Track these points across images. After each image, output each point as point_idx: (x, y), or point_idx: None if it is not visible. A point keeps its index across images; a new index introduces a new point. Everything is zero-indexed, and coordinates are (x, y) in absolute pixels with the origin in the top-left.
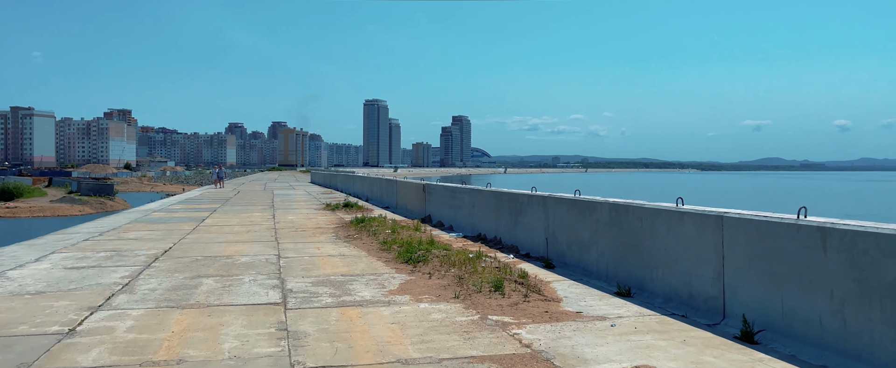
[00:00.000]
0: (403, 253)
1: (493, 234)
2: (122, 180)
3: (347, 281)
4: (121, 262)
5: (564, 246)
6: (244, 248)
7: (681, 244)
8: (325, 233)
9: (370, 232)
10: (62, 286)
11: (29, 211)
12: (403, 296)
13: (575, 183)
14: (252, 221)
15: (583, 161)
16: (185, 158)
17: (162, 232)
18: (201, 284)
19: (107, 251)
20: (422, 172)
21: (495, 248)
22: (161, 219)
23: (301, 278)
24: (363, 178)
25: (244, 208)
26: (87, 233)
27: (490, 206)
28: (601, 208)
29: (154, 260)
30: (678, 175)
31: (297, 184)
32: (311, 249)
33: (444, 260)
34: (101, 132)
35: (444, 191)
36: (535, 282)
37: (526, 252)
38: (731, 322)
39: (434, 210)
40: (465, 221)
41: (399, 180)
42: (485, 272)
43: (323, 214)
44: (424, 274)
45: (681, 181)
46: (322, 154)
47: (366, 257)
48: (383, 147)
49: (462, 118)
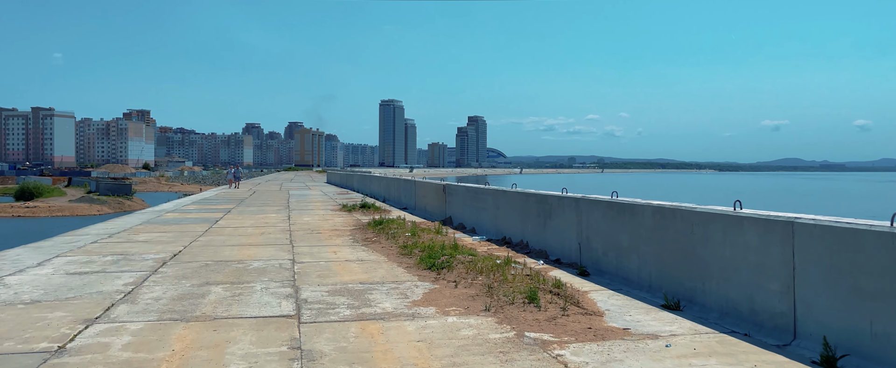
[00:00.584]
0: (426, 259)
1: (519, 238)
2: (141, 179)
3: (366, 290)
4: (126, 267)
5: (600, 252)
6: (257, 252)
7: (740, 252)
8: (342, 236)
9: (389, 235)
10: (60, 295)
11: (48, 211)
12: (428, 308)
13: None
14: (266, 222)
15: (599, 162)
16: (202, 158)
17: (173, 234)
18: (209, 292)
19: (114, 255)
20: (437, 172)
21: (522, 253)
22: (174, 220)
23: (317, 286)
24: (380, 178)
25: (259, 208)
26: (97, 235)
27: (516, 208)
28: (643, 211)
29: (161, 265)
30: (696, 176)
31: (313, 184)
32: (328, 253)
33: (469, 267)
34: (120, 132)
35: (466, 192)
36: (572, 292)
37: (556, 258)
38: (804, 343)
39: (455, 212)
40: (489, 223)
41: (418, 181)
42: (516, 281)
43: (339, 215)
44: (450, 282)
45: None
46: (338, 154)
47: (385, 262)
48: (399, 147)
49: (478, 119)
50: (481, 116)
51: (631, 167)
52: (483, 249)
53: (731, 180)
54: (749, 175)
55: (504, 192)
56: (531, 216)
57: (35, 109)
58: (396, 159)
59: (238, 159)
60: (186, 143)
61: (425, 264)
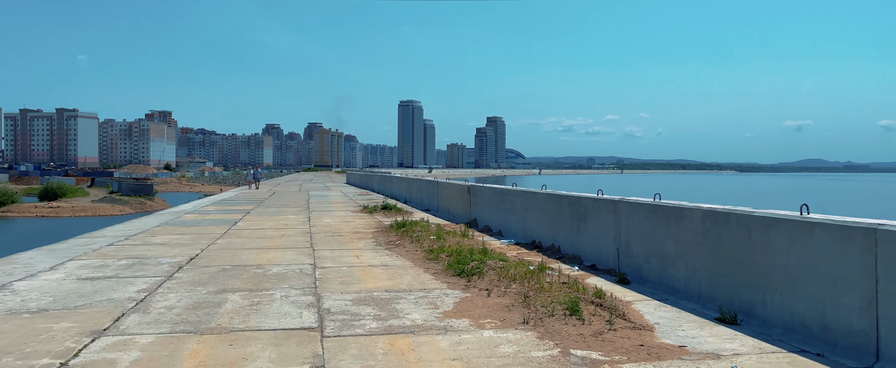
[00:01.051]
0: (454, 264)
1: (549, 242)
2: (162, 180)
3: (393, 299)
4: (141, 272)
5: (641, 259)
6: (277, 256)
7: (808, 261)
8: (364, 238)
9: (413, 238)
10: (69, 303)
11: (71, 211)
12: (461, 320)
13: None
14: (286, 224)
15: (618, 162)
16: (223, 158)
17: (191, 236)
18: (226, 301)
19: (129, 259)
20: (456, 172)
21: (554, 258)
22: (192, 222)
23: (340, 294)
24: (401, 179)
25: (278, 209)
26: (113, 237)
27: (547, 210)
28: (691, 215)
29: (177, 270)
30: (717, 177)
31: (333, 185)
32: (350, 257)
33: (501, 273)
34: (142, 133)
35: (492, 193)
36: (616, 303)
37: (591, 264)
38: (888, 365)
39: (480, 214)
40: (517, 226)
41: (440, 182)
42: (553, 290)
43: (360, 216)
44: (481, 290)
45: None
46: (357, 155)
47: (411, 268)
48: (418, 148)
49: (496, 119)
50: (500, 117)
51: (650, 168)
52: (512, 253)
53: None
54: (771, 176)
55: (533, 193)
56: (563, 219)
57: (59, 110)
58: (415, 159)
59: (258, 160)
60: (207, 143)
61: (454, 270)
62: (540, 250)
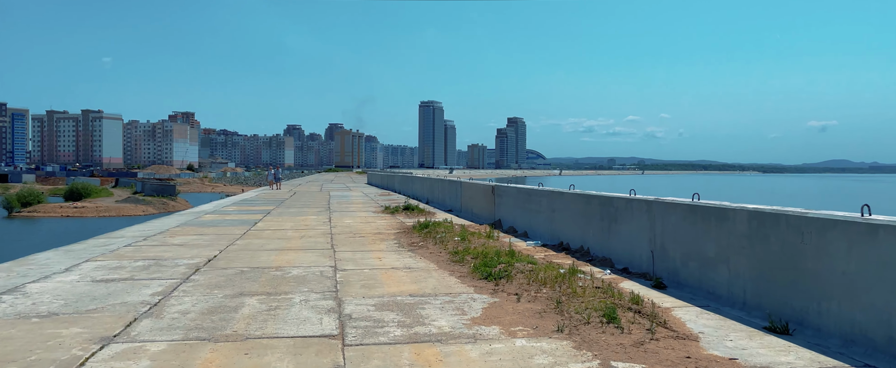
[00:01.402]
0: (480, 267)
1: (578, 243)
2: (185, 180)
3: (418, 304)
4: (157, 274)
5: (678, 262)
6: (296, 257)
7: (872, 267)
8: (386, 240)
9: (436, 239)
10: (81, 306)
11: (95, 211)
12: (491, 327)
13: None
14: (306, 225)
15: (639, 163)
16: (245, 159)
17: (210, 237)
18: (243, 305)
19: (145, 260)
20: (477, 173)
21: (584, 261)
22: (212, 222)
23: (361, 298)
24: (423, 179)
25: (299, 210)
26: (132, 237)
27: (575, 211)
28: (736, 216)
29: (194, 272)
30: (741, 177)
31: (354, 185)
32: (372, 259)
33: (530, 277)
34: (165, 134)
35: (518, 194)
36: (655, 310)
37: (624, 267)
38: None
39: (505, 214)
40: (543, 227)
41: (464, 182)
42: (586, 295)
43: (382, 217)
44: (510, 295)
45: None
46: (378, 155)
47: (436, 270)
48: (439, 149)
49: (517, 120)
50: (521, 118)
51: (672, 169)
52: (540, 255)
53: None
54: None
55: (561, 194)
56: (593, 220)
57: (85, 111)
58: (436, 160)
59: (279, 161)
60: (229, 144)
61: (480, 273)
62: (568, 252)
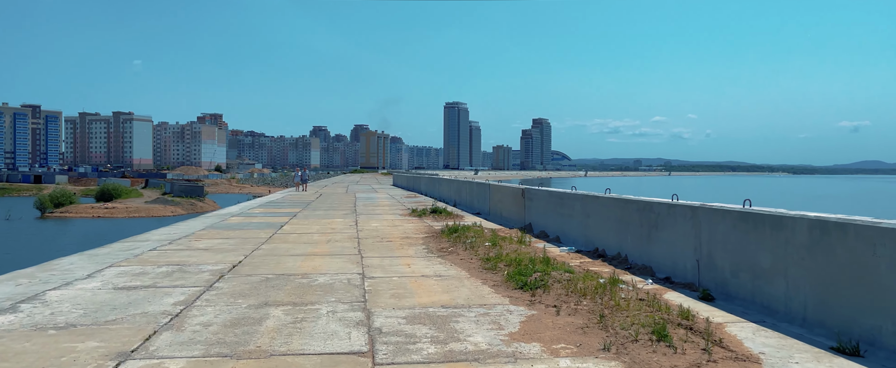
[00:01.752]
0: (515, 275)
1: (615, 250)
2: (213, 181)
3: (451, 316)
4: (180, 281)
5: (728, 273)
6: (323, 263)
7: None
8: (414, 245)
9: (466, 245)
10: (100, 317)
11: (125, 211)
12: (531, 344)
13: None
14: (333, 228)
15: (666, 164)
16: (271, 160)
17: (235, 241)
18: (267, 316)
19: (169, 266)
20: (502, 174)
21: (622, 268)
22: (237, 225)
23: (391, 309)
24: (450, 181)
25: (325, 212)
26: (157, 241)
27: (612, 216)
28: (795, 225)
29: (218, 279)
30: (771, 179)
31: (380, 187)
32: (401, 266)
33: (568, 286)
34: (194, 136)
35: (549, 197)
36: (710, 327)
37: (665, 276)
38: None
39: (535, 219)
40: (577, 232)
41: (492, 184)
42: (631, 308)
43: (409, 220)
44: (548, 307)
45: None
46: (403, 156)
47: (467, 278)
48: (463, 150)
49: (542, 121)
50: (546, 119)
51: (699, 170)
52: (575, 262)
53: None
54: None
55: (596, 198)
56: (632, 226)
57: (116, 113)
58: (461, 161)
59: (305, 162)
60: (256, 145)
61: (515, 282)
62: (604, 259)
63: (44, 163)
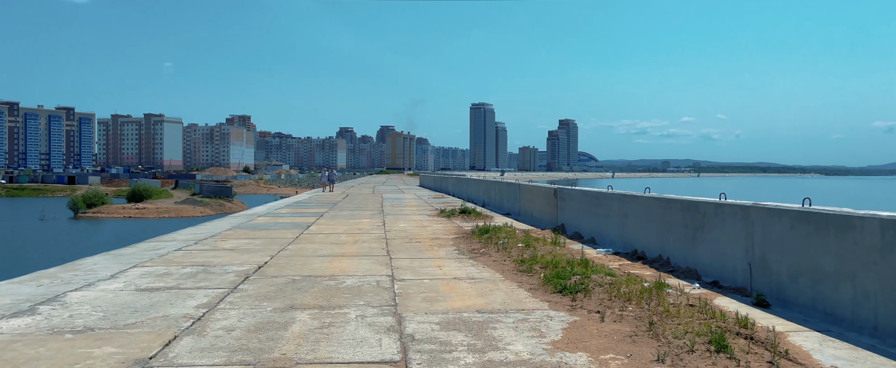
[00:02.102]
0: (552, 278)
1: (656, 252)
2: (241, 182)
3: (487, 322)
4: (204, 282)
5: (785, 277)
6: (351, 265)
7: None
8: (445, 246)
9: (499, 246)
10: (119, 320)
11: (156, 212)
12: (577, 354)
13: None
14: (360, 228)
15: (694, 166)
16: (298, 161)
17: (261, 241)
18: (293, 321)
19: (194, 266)
20: (528, 175)
21: (665, 271)
22: (264, 225)
23: (423, 314)
24: (478, 181)
25: (352, 212)
26: (183, 241)
27: (652, 216)
28: (864, 225)
29: (243, 280)
30: (804, 180)
31: (406, 187)
32: (431, 267)
33: (610, 290)
34: (222, 137)
35: (584, 197)
36: (774, 337)
37: (712, 280)
38: None
39: (569, 219)
40: (614, 233)
41: (523, 184)
42: (682, 315)
43: (438, 221)
44: (592, 312)
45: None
46: (429, 157)
47: (502, 281)
48: (490, 151)
49: (569, 122)
50: (572, 120)
51: (729, 171)
52: (614, 265)
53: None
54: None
55: (635, 197)
56: (674, 227)
57: (147, 115)
58: (487, 162)
59: (332, 163)
60: (283, 147)
61: (553, 285)
62: (644, 261)
63: (77, 164)
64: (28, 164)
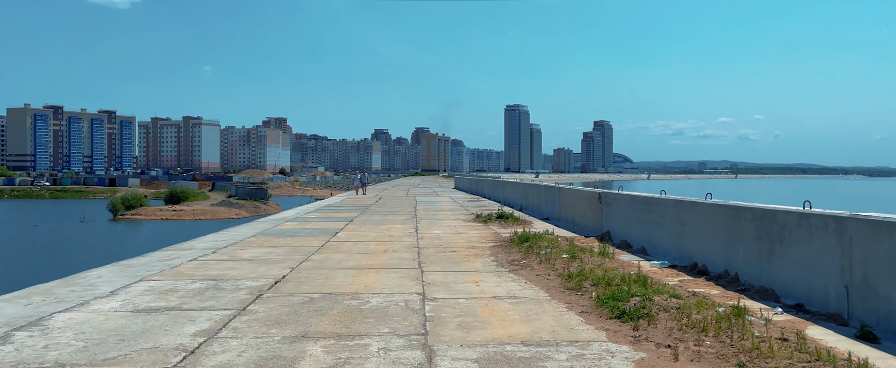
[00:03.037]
0: (607, 299)
1: (720, 267)
2: (277, 184)
3: (535, 358)
4: (211, 301)
5: None
6: (377, 280)
7: None
8: (482, 256)
9: (541, 257)
10: (99, 353)
11: (192, 214)
12: None
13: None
14: (391, 235)
15: (732, 167)
16: (334, 163)
17: (284, 250)
18: (303, 356)
19: (204, 281)
20: (563, 177)
21: (733, 290)
22: (290, 231)
23: (458, 346)
24: (515, 184)
25: (383, 217)
26: (201, 249)
27: (716, 226)
28: None
29: (255, 299)
30: (848, 182)
31: (441, 190)
32: (467, 283)
33: (680, 318)
34: (259, 139)
35: (632, 202)
36: None
37: (795, 303)
38: None
39: (615, 226)
40: (668, 243)
41: (563, 188)
42: (778, 355)
43: (474, 227)
44: (660, 347)
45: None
46: (463, 159)
47: (548, 301)
48: (524, 153)
49: (603, 123)
50: (607, 121)
51: (767, 173)
52: (672, 281)
53: None
54: None
55: (694, 204)
56: (744, 239)
57: (186, 118)
58: (522, 164)
59: (367, 165)
60: (319, 149)
61: (609, 308)
62: (707, 277)
63: (119, 166)
64: (72, 166)
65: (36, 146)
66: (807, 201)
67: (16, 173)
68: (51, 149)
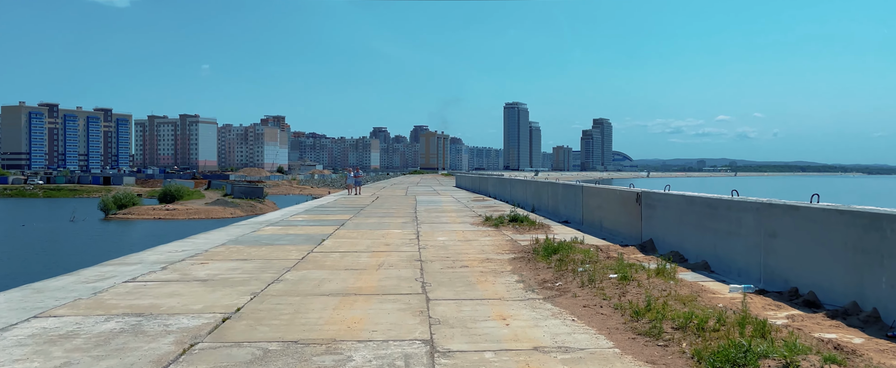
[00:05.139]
0: (708, 359)
1: (845, 297)
2: (274, 183)
3: None
4: (109, 360)
5: None
6: (366, 315)
7: None
8: (502, 273)
9: (580, 275)
10: None
11: (186, 213)
12: None
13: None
14: (387, 243)
15: (731, 165)
16: (332, 161)
17: (254, 265)
18: None
19: (124, 318)
20: (562, 175)
21: (873, 333)
22: (268, 238)
23: None
24: (526, 183)
25: (380, 220)
26: (152, 263)
27: (833, 240)
28: None
29: (180, 355)
30: (848, 179)
31: (442, 189)
32: (492, 320)
33: None
34: (257, 138)
35: (688, 205)
36: None
37: None
38: None
39: (660, 233)
40: (746, 260)
41: (586, 187)
42: None
43: (484, 232)
44: None
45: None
46: (462, 157)
47: (618, 357)
48: (523, 151)
49: (603, 121)
50: (606, 119)
51: (766, 170)
52: (778, 317)
53: None
54: None
55: (791, 209)
56: (888, 260)
57: (183, 116)
58: (521, 162)
59: (365, 163)
60: (317, 147)
61: None
62: (825, 312)
63: (115, 165)
64: (67, 165)
65: (31, 145)
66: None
67: (9, 172)
68: (46, 147)
